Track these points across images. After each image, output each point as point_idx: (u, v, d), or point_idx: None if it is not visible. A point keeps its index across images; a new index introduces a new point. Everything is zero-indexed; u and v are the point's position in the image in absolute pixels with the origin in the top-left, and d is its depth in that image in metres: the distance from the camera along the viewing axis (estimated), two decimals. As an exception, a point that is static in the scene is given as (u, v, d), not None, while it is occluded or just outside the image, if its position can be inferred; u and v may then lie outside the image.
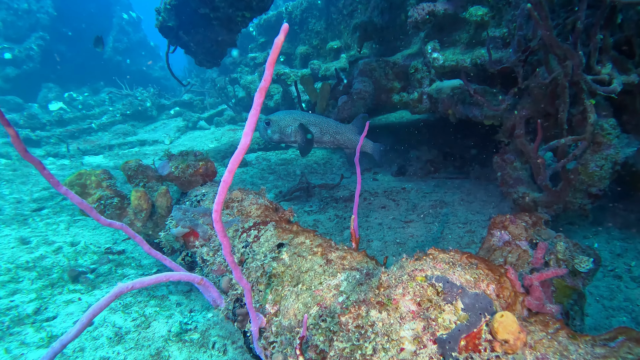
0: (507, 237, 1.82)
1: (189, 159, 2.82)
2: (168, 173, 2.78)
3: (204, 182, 2.92)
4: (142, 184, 2.72)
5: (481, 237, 3.78)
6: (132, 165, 2.70)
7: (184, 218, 2.03)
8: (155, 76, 20.48)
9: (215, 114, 12.44)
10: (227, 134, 11.16)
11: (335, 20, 8.14)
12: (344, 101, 5.39)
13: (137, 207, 2.45)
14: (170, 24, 6.28)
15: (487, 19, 4.79)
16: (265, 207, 2.12)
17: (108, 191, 2.44)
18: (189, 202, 2.66)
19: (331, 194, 5.51)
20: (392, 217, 4.56)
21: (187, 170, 2.77)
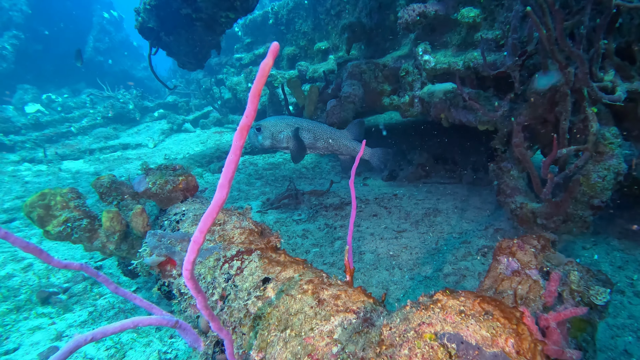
0: (515, 265, 1.67)
1: (167, 174, 2.61)
2: (145, 189, 2.56)
3: (184, 198, 2.72)
4: (116, 202, 2.50)
5: (477, 248, 3.65)
6: (104, 182, 2.48)
7: (159, 245, 1.82)
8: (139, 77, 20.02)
9: (201, 116, 12.16)
10: (213, 136, 10.90)
11: (323, 20, 7.96)
12: (333, 105, 5.21)
13: (109, 229, 2.24)
14: (150, 25, 6.03)
15: (479, 20, 4.66)
16: (250, 231, 1.93)
17: (76, 212, 2.22)
18: (167, 221, 2.45)
19: (320, 201, 5.33)
20: (384, 226, 4.41)
21: (165, 186, 2.56)
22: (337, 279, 1.56)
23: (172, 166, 2.73)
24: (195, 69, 6.74)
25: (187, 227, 2.11)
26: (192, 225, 2.09)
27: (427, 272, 3.42)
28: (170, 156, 9.44)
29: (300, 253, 4.10)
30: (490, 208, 4.41)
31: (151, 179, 2.59)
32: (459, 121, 4.50)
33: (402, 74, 5.10)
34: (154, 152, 10.21)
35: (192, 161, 7.45)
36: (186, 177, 2.66)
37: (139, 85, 17.74)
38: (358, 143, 4.62)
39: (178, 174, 2.63)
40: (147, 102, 13.15)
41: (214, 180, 6.81)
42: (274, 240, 1.85)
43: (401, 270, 3.48)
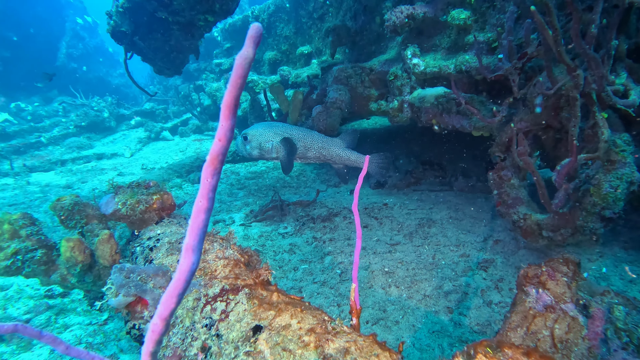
0: (547, 298, 1.43)
1: (139, 192, 2.31)
2: (114, 211, 2.25)
3: (159, 219, 2.41)
4: (80, 226, 2.19)
5: (477, 262, 3.44)
6: (65, 204, 2.16)
7: (127, 283, 1.53)
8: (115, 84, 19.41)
9: (180, 123, 11.75)
10: (192, 144, 10.52)
11: (305, 24, 7.73)
12: (319, 111, 4.96)
13: (69, 259, 1.92)
14: (123, 29, 5.68)
15: (469, 22, 4.50)
16: (235, 262, 1.65)
17: (28, 242, 1.90)
18: (139, 247, 2.14)
19: (307, 212, 5.06)
20: (376, 238, 4.17)
21: (137, 206, 2.25)
22: (342, 324, 1.30)
23: (144, 183, 2.42)
24: (172, 75, 6.41)
25: (161, 257, 1.82)
26: (167, 255, 1.79)
27: (426, 290, 3.18)
28: (148, 166, 9.03)
29: (288, 270, 3.83)
30: (487, 217, 4.22)
31: (121, 198, 2.28)
32: (452, 127, 4.31)
33: (391, 78, 4.90)
34: (130, 162, 9.77)
35: (171, 171, 7.08)
36: (161, 196, 2.36)
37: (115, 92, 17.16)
38: (352, 152, 4.40)
39: (151, 193, 2.32)
40: (123, 110, 12.66)
41: (194, 192, 6.47)
42: (264, 273, 1.57)
43: (398, 289, 3.24)
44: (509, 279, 3.19)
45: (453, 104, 4.19)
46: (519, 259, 3.38)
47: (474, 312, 2.90)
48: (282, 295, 1.47)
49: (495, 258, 3.44)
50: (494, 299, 3.01)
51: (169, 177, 6.94)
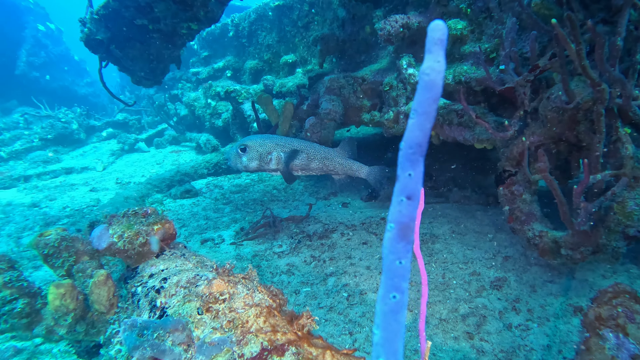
0: (631, 347, 1.27)
1: (137, 222, 2.03)
2: (108, 245, 1.96)
3: (160, 250, 2.13)
4: (68, 265, 1.89)
5: (490, 281, 3.30)
6: (50, 239, 1.85)
7: (141, 344, 1.26)
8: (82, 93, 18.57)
9: (155, 134, 11.28)
10: (169, 156, 10.09)
11: (289, 32, 7.54)
12: (313, 123, 4.77)
13: (59, 309, 1.62)
14: (99, 37, 5.32)
15: (465, 33, 4.44)
16: (268, 309, 1.41)
17: (6, 291, 1.58)
18: (141, 287, 1.86)
19: (301, 229, 4.83)
20: (378, 256, 3.99)
21: (136, 239, 1.97)
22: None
23: (142, 211, 2.14)
24: (152, 85, 6.06)
25: (176, 305, 1.55)
26: (183, 302, 1.53)
27: (441, 313, 3.01)
28: (123, 180, 8.56)
29: (289, 294, 3.58)
30: (490, 231, 4.12)
31: (116, 230, 1.99)
32: (452, 139, 4.20)
33: (386, 88, 4.77)
34: (103, 176, 9.25)
35: (150, 186, 6.69)
36: (162, 225, 2.09)
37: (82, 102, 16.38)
38: (354, 162, 4.26)
39: (151, 222, 2.05)
40: (93, 121, 12.04)
41: (176, 208, 6.11)
42: (307, 323, 1.34)
43: (412, 313, 3.06)
44: (525, 298, 3.06)
45: (454, 116, 4.08)
46: (532, 276, 3.27)
47: (495, 337, 2.74)
48: (331, 350, 1.24)
49: (507, 276, 3.31)
50: (514, 322, 2.87)
51: (148, 193, 6.55)
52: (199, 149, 9.74)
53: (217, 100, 9.04)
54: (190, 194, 6.49)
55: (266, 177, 7.46)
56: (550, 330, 2.76)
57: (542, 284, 3.17)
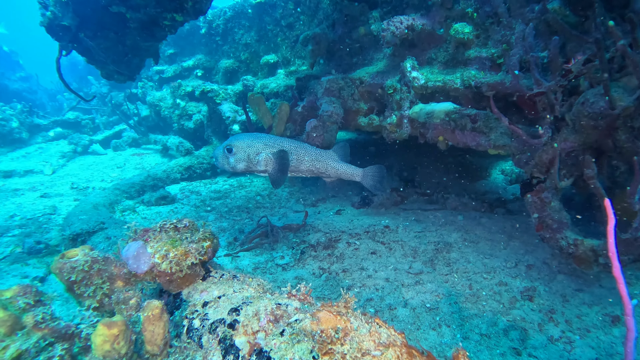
0: None
1: (183, 238, 1.65)
2: (150, 267, 1.56)
3: (206, 272, 1.77)
4: (101, 294, 1.47)
5: (519, 291, 3.19)
6: (79, 263, 1.43)
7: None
8: (14, 89, 16.79)
9: (112, 135, 10.39)
10: (131, 159, 9.31)
11: (271, 31, 7.19)
12: (314, 126, 4.48)
13: (108, 355, 1.22)
14: (65, 23, 4.70)
15: (471, 37, 4.37)
16: (407, 348, 1.13)
17: (38, 334, 1.16)
18: (198, 320, 1.49)
19: (301, 238, 4.52)
20: (392, 266, 3.77)
21: (185, 259, 1.59)
22: None
23: (181, 224, 1.76)
24: (124, 81, 5.48)
25: (280, 346, 1.20)
26: (292, 343, 1.19)
27: (480, 327, 2.84)
28: (80, 185, 7.73)
29: (304, 311, 3.26)
30: (502, 239, 4.05)
31: (157, 249, 1.60)
32: (464, 144, 4.10)
33: (390, 91, 4.60)
34: (54, 180, 8.31)
35: (118, 192, 6.04)
36: (211, 241, 1.73)
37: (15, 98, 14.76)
38: (347, 165, 4.00)
39: (201, 239, 1.68)
40: (38, 119, 10.87)
41: (153, 216, 5.53)
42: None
43: (449, 328, 2.86)
44: (559, 309, 2.97)
45: (468, 121, 3.98)
46: (561, 285, 3.20)
47: (542, 353, 2.61)
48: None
49: (535, 286, 3.22)
50: (554, 334, 2.76)
51: (116, 199, 5.90)
52: (164, 152, 9.05)
53: (187, 101, 8.45)
54: (167, 200, 5.93)
55: (246, 183, 7.03)
56: (594, 342, 2.67)
57: (572, 293, 3.11)
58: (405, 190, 6.13)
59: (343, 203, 6.12)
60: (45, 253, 4.51)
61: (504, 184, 6.76)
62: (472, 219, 4.63)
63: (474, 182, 6.74)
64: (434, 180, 6.93)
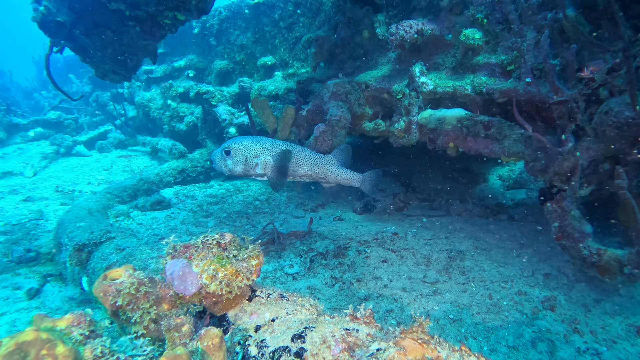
0: None
1: (227, 257, 1.51)
2: (198, 289, 1.43)
3: (252, 292, 1.64)
4: (148, 320, 1.32)
5: (540, 301, 3.16)
6: (124, 284, 1.28)
7: None
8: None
9: (97, 136, 10.02)
10: (118, 162, 8.99)
11: (269, 33, 7.04)
12: (323, 130, 4.38)
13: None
14: (59, 19, 4.47)
15: (480, 43, 4.35)
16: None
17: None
18: (255, 346, 1.36)
19: (309, 246, 4.40)
20: (406, 275, 3.70)
21: (235, 279, 1.46)
22: None
23: (224, 239, 1.63)
24: (120, 81, 5.25)
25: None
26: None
27: (507, 339, 2.79)
28: (65, 188, 7.40)
29: (320, 323, 3.14)
30: (514, 247, 4.03)
31: (204, 267, 1.47)
32: (476, 151, 4.07)
33: (399, 96, 4.54)
34: (36, 183, 7.94)
35: (110, 196, 5.78)
36: (259, 258, 1.60)
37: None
38: (347, 170, 3.91)
39: (250, 256, 1.55)
40: (16, 118, 10.39)
41: (149, 222, 5.31)
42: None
43: (476, 340, 2.80)
44: (582, 319, 2.95)
45: (481, 127, 3.95)
46: (580, 295, 3.19)
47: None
48: None
49: (555, 295, 3.20)
50: (581, 346, 2.73)
51: (109, 204, 5.64)
52: (154, 154, 8.78)
53: (179, 102, 8.22)
54: (162, 205, 5.71)
55: (242, 187, 6.86)
56: (621, 354, 2.65)
57: (593, 303, 3.09)
58: (407, 196, 6.09)
59: (343, 208, 6.03)
60: (36, 262, 4.26)
61: (502, 190, 6.81)
62: (480, 226, 4.60)
63: (472, 188, 6.76)
64: (431, 185, 6.93)
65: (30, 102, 17.67)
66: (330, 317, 1.48)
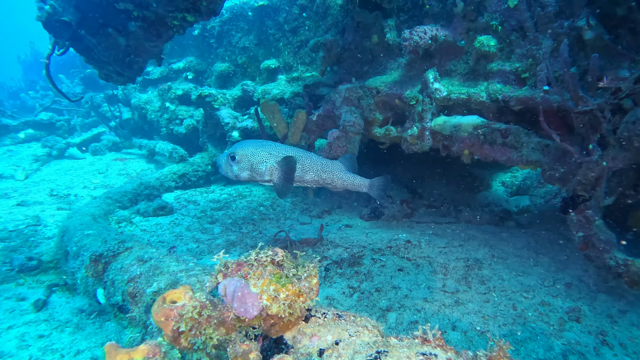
0: None
1: (290, 274, 1.43)
2: (260, 311, 1.33)
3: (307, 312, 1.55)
4: (211, 346, 1.22)
5: (564, 311, 3.13)
6: (186, 308, 1.18)
7: None
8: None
9: (91, 138, 9.77)
10: (113, 165, 8.77)
11: (273, 36, 6.95)
12: (337, 136, 4.31)
13: None
14: (65, 19, 4.32)
15: (495, 50, 4.34)
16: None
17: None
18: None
19: (320, 253, 4.31)
20: (425, 285, 3.64)
21: (297, 300, 1.38)
22: None
23: (277, 256, 1.54)
24: (124, 83, 5.10)
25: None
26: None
27: (537, 352, 2.74)
28: (60, 192, 7.17)
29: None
30: (530, 255, 4.01)
31: (263, 287, 1.38)
32: (492, 159, 4.04)
33: (412, 102, 4.49)
34: (28, 186, 7.68)
35: (110, 201, 5.61)
36: (317, 276, 1.52)
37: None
38: (354, 175, 3.84)
39: (310, 274, 1.47)
40: (6, 119, 10.08)
41: (153, 228, 5.16)
42: None
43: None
44: (610, 331, 2.93)
45: (498, 135, 3.92)
46: (605, 306, 3.17)
47: (606, 378, 2.54)
48: None
49: (579, 306, 3.17)
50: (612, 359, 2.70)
51: (109, 209, 5.47)
52: (150, 158, 8.60)
53: (177, 104, 8.06)
54: (165, 211, 5.56)
55: (245, 192, 6.74)
56: (653, 366, 2.63)
57: (619, 314, 3.08)
58: (414, 202, 6.06)
59: (350, 215, 5.96)
60: (38, 270, 4.09)
61: (505, 196, 6.83)
62: (493, 234, 4.58)
63: (475, 194, 6.77)
64: (435, 191, 6.91)
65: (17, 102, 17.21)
66: (398, 339, 1.40)
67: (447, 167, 6.80)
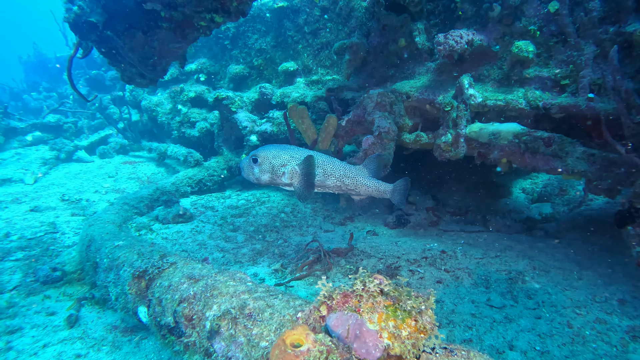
0: None
1: (408, 308, 1.29)
2: (383, 350, 1.20)
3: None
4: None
5: (624, 330, 3.01)
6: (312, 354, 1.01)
7: None
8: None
9: (98, 141, 9.58)
10: (122, 168, 8.58)
11: (291, 38, 6.81)
12: (372, 142, 4.17)
13: None
14: (92, 19, 4.16)
15: (532, 56, 4.23)
16: None
17: None
18: None
19: (354, 264, 4.17)
20: (469, 299, 3.51)
21: (420, 336, 1.24)
22: None
23: (384, 284, 1.41)
24: (147, 85, 4.93)
25: None
26: None
27: (603, 374, 2.62)
28: (71, 197, 6.98)
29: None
30: (572, 267, 3.89)
31: (380, 323, 1.24)
32: (533, 168, 3.93)
33: (447, 108, 4.36)
34: (38, 191, 7.49)
35: (127, 207, 5.44)
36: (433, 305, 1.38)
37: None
38: (379, 182, 3.70)
39: (428, 306, 1.33)
40: (14, 122, 9.85)
41: (174, 236, 5.00)
42: None
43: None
44: (673, 349, 2.81)
45: (541, 144, 3.81)
46: (663, 322, 3.05)
47: (680, 402, 2.42)
48: None
49: (638, 325, 3.05)
50: (681, 379, 2.58)
51: (127, 215, 5.31)
52: (160, 161, 8.42)
53: (190, 107, 7.90)
54: (185, 217, 5.40)
55: (263, 198, 6.59)
56: None
57: (679, 331, 2.96)
58: (438, 210, 5.94)
59: (373, 222, 5.83)
60: (62, 282, 3.92)
61: (527, 203, 6.72)
62: (528, 244, 4.47)
63: (496, 200, 6.66)
64: (455, 197, 6.79)
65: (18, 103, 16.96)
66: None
67: (467, 173, 6.68)
